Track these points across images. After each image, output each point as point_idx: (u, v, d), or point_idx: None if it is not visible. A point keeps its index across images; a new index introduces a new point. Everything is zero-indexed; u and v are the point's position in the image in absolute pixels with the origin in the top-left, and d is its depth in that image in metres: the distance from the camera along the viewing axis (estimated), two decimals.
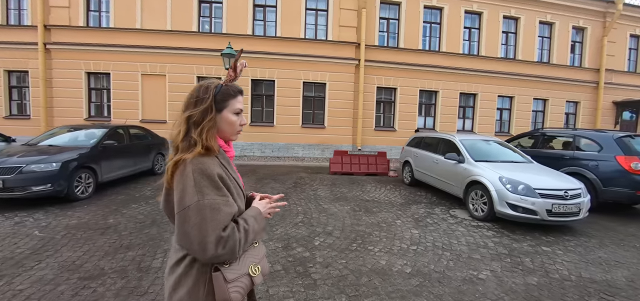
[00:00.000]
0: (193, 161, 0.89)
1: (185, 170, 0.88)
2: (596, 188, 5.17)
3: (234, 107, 1.02)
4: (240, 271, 0.94)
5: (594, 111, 13.39)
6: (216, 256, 0.86)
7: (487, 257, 3.26)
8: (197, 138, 0.92)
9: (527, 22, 12.68)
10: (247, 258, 0.98)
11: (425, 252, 3.34)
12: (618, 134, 5.25)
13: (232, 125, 1.03)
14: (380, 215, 4.68)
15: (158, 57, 10.94)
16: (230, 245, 0.87)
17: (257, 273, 0.99)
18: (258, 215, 1.04)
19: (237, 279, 0.93)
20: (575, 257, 3.32)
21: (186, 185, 0.87)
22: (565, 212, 3.88)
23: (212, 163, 0.92)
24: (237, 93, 1.04)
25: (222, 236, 0.85)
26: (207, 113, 0.96)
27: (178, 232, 0.88)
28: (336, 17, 11.42)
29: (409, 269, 2.94)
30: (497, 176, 4.26)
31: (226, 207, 0.89)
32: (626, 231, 4.34)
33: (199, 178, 0.87)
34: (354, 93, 11.64)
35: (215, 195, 0.88)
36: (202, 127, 0.94)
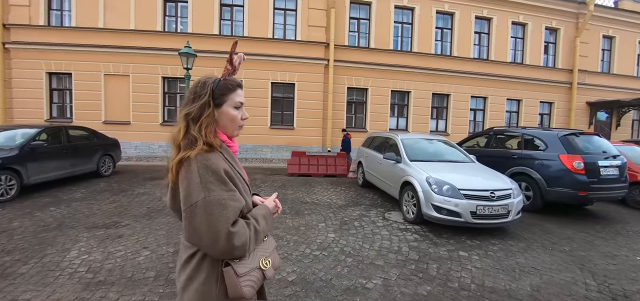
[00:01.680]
0: (197, 157, 0.87)
1: (190, 166, 0.87)
2: (541, 188, 4.99)
3: (233, 101, 0.99)
4: (252, 265, 0.94)
5: (568, 112, 13.33)
6: (228, 251, 0.85)
7: (391, 264, 3.02)
8: (196, 134, 0.91)
9: (500, 23, 12.62)
10: (258, 252, 0.98)
11: (325, 258, 3.09)
12: (563, 132, 5.08)
13: (233, 120, 1.00)
14: (307, 217, 4.44)
15: (121, 57, 10.64)
16: (241, 240, 0.86)
17: (268, 266, 0.99)
18: (268, 214, 1.04)
19: (248, 273, 0.92)
20: (489, 263, 3.10)
21: (191, 182, 0.86)
22: (492, 214, 3.66)
23: (217, 158, 0.90)
24: (236, 86, 1.01)
25: (232, 232, 0.84)
26: (205, 108, 0.94)
27: (187, 229, 0.87)
28: (305, 16, 11.24)
29: (293, 277, 2.70)
30: (425, 176, 4.03)
31: (233, 201, 0.88)
32: (562, 234, 4.14)
33: (204, 174, 0.86)
34: (324, 93, 11.44)
35: (221, 191, 0.86)
36: (201, 123, 0.92)
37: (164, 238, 3.62)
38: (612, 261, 3.30)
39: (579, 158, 4.66)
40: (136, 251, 3.25)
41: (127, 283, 2.61)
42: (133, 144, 10.95)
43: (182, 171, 0.88)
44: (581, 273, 2.96)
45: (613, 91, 13.58)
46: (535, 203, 5.08)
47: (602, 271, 3.03)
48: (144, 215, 4.50)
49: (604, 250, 3.63)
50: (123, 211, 4.66)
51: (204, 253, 0.91)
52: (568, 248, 3.62)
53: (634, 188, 5.93)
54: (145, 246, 3.38)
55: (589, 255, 3.44)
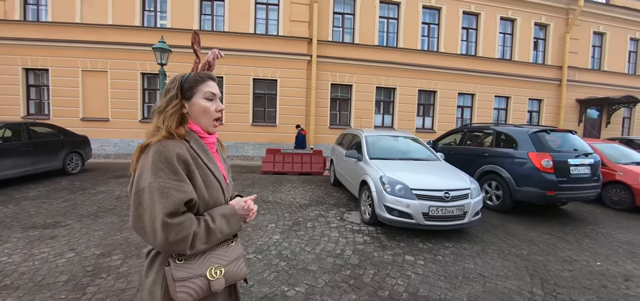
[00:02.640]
0: (157, 143, 0.85)
1: (148, 153, 0.85)
2: (510, 188, 4.78)
3: (203, 92, 0.96)
4: (195, 271, 0.86)
5: (558, 109, 13.09)
6: (166, 244, 0.79)
7: (326, 269, 2.82)
8: (160, 124, 0.90)
9: (488, 18, 12.36)
10: (211, 258, 0.90)
11: (258, 262, 2.89)
12: (533, 129, 4.86)
13: (206, 111, 0.97)
14: (260, 217, 4.23)
15: (99, 52, 10.42)
16: (181, 234, 0.80)
17: (216, 276, 0.89)
18: (231, 214, 0.95)
19: (187, 279, 0.84)
20: (433, 269, 2.89)
21: (144, 168, 0.84)
22: (446, 215, 3.45)
23: (175, 145, 0.86)
24: (206, 78, 0.98)
25: (168, 223, 0.78)
26: (172, 101, 0.93)
27: (132, 216, 0.83)
28: (287, 11, 11.00)
29: None
30: (379, 175, 3.82)
31: (177, 191, 0.82)
32: (525, 237, 3.93)
33: (157, 160, 0.83)
34: (307, 90, 11.21)
35: (167, 178, 0.82)
36: (165, 112, 0.91)
37: (98, 239, 3.42)
38: (569, 267, 3.10)
39: (548, 157, 4.45)
40: (60, 253, 3.05)
41: (33, 288, 2.43)
42: (112, 141, 10.75)
43: (141, 157, 0.87)
44: (530, 281, 2.75)
45: (603, 88, 13.33)
46: (505, 203, 4.87)
47: (554, 279, 2.82)
48: (91, 214, 4.30)
49: (564, 254, 3.43)
50: (71, 210, 4.46)
51: (157, 251, 0.89)
52: (526, 252, 3.41)
53: (612, 187, 5.73)
54: (73, 248, 3.18)
55: (546, 260, 3.23)
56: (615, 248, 3.66)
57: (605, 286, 2.72)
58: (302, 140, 9.78)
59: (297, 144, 9.73)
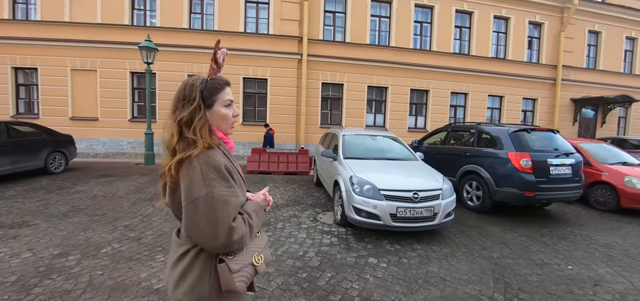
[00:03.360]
0: (199, 155, 0.89)
1: (192, 164, 0.88)
2: (490, 188, 4.68)
3: (223, 100, 1.01)
4: (244, 261, 0.95)
5: (552, 108, 12.94)
6: (226, 246, 0.88)
7: (283, 271, 2.74)
8: (194, 137, 0.92)
9: (481, 17, 12.24)
10: (250, 248, 0.99)
11: None
12: (513, 128, 4.76)
13: (225, 118, 1.01)
14: None
15: (88, 51, 10.38)
16: (240, 234, 0.89)
17: (260, 262, 1.00)
18: (258, 209, 1.05)
19: (241, 269, 0.94)
20: (394, 272, 2.81)
21: (194, 179, 0.87)
22: (414, 216, 3.36)
23: (218, 155, 0.92)
24: (224, 84, 1.03)
25: (233, 227, 0.87)
26: (196, 112, 0.94)
27: (187, 224, 0.88)
28: (277, 10, 10.92)
29: (159, 285, 2.43)
30: (349, 175, 3.73)
31: (234, 198, 0.90)
32: (499, 238, 3.84)
33: (206, 170, 0.88)
34: (297, 89, 11.13)
35: (223, 187, 0.88)
36: (194, 126, 0.93)
37: (59, 239, 3.36)
38: (538, 271, 3.01)
39: (527, 156, 4.35)
40: (17, 253, 2.99)
41: None
42: (101, 141, 10.71)
43: (183, 169, 0.89)
44: (493, 285, 2.67)
45: (598, 87, 13.18)
46: (484, 204, 4.78)
47: (519, 283, 2.73)
48: (61, 214, 4.24)
49: (537, 257, 3.34)
50: (42, 210, 4.40)
51: (199, 250, 0.93)
52: (497, 255, 3.32)
53: (597, 188, 5.62)
54: (31, 248, 3.12)
55: (516, 263, 3.14)
56: (591, 251, 3.57)
57: (571, 292, 2.63)
58: (270, 140, 9.65)
59: (266, 144, 9.60)
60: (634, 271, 3.08)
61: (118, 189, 5.76)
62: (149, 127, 8.90)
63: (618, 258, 3.40)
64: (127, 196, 5.33)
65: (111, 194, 5.41)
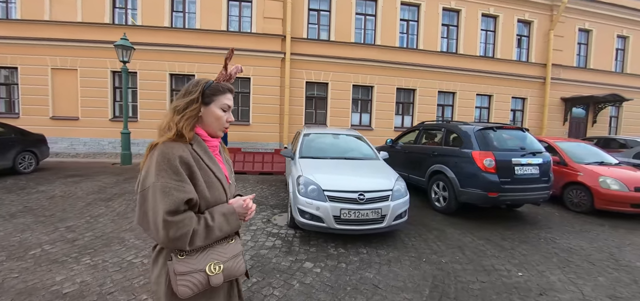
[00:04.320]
0: (162, 145, 0.90)
1: (154, 153, 0.90)
2: (455, 189, 4.51)
3: (221, 102, 1.04)
4: (195, 266, 0.91)
5: (542, 107, 12.72)
6: (167, 240, 0.85)
7: None
8: (172, 124, 0.94)
9: (469, 15, 12.05)
10: (210, 254, 0.94)
11: (138, 266, 2.66)
12: (479, 127, 4.57)
13: (218, 119, 1.04)
14: None
15: (69, 50, 10.26)
16: (180, 231, 0.85)
17: (215, 272, 0.94)
18: (230, 213, 1.00)
19: (188, 273, 0.89)
20: (325, 278, 2.64)
21: (150, 167, 0.89)
22: (359, 218, 3.19)
23: (179, 148, 0.91)
24: (226, 90, 1.06)
25: (168, 220, 0.83)
26: (192, 103, 0.98)
27: (138, 212, 0.89)
28: (260, 8, 10.78)
29: (71, 289, 2.31)
30: (297, 175, 3.57)
31: (178, 191, 0.87)
32: (456, 242, 3.67)
33: (160, 161, 0.88)
34: (281, 88, 10.98)
35: (169, 179, 0.87)
36: (183, 114, 0.96)
37: None
38: (484, 277, 2.83)
39: (490, 156, 4.17)
40: None
41: None
42: (82, 140, 10.59)
43: (148, 157, 0.92)
44: (428, 294, 2.49)
45: (589, 86, 12.95)
46: (450, 205, 4.60)
47: (457, 292, 2.55)
48: (8, 214, 4.10)
49: (489, 262, 3.16)
50: None
51: (161, 246, 0.94)
52: (446, 260, 3.15)
53: (573, 188, 5.44)
54: None
55: (464, 269, 2.97)
56: (550, 256, 3.39)
57: None
58: (224, 138, 9.49)
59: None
60: (588, 279, 2.90)
61: (80, 189, 5.62)
62: (126, 127, 8.77)
63: (577, 264, 3.22)
64: (86, 196, 5.19)
65: (71, 195, 5.27)
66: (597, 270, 3.10)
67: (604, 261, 3.34)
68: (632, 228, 4.54)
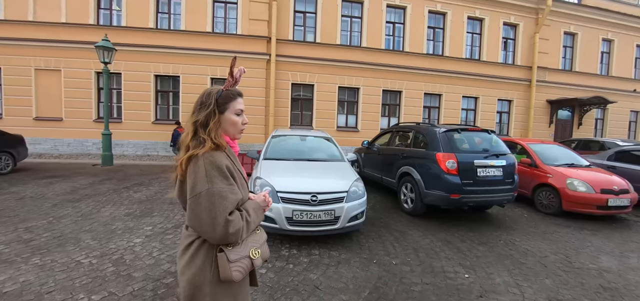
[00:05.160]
0: (205, 155, 1.02)
1: (198, 162, 1.01)
2: (420, 191, 4.52)
3: (234, 108, 1.14)
4: (242, 253, 1.06)
5: (528, 110, 12.80)
6: (224, 237, 0.98)
7: (148, 277, 2.57)
8: (206, 137, 1.04)
9: (455, 18, 12.13)
10: (249, 242, 1.10)
11: (74, 269, 2.65)
12: (444, 127, 4.60)
13: (234, 124, 1.14)
14: (146, 219, 3.99)
15: (52, 51, 10.23)
16: (236, 228, 0.99)
17: (257, 256, 1.11)
18: (257, 207, 1.16)
19: (238, 260, 1.04)
20: (268, 280, 2.63)
21: (198, 175, 0.99)
22: (312, 220, 3.20)
23: (221, 156, 1.04)
24: (237, 95, 1.16)
25: (229, 220, 0.98)
26: (211, 116, 1.08)
27: (191, 216, 1.01)
28: (246, 10, 10.81)
29: (11, 288, 2.31)
30: (255, 176, 3.58)
31: (232, 194, 1.01)
32: (414, 244, 3.68)
33: (209, 169, 0.99)
34: (266, 90, 11.00)
35: (223, 184, 1.00)
36: (209, 128, 1.06)
37: None
38: (430, 279, 2.83)
39: (452, 157, 4.19)
40: None
41: None
42: (66, 141, 10.55)
43: (191, 166, 1.01)
44: (367, 296, 2.49)
45: (575, 89, 13.05)
46: (417, 207, 4.62)
47: (396, 294, 2.53)
48: None
49: (439, 264, 3.17)
50: None
51: (202, 241, 1.04)
52: (397, 262, 3.16)
53: (542, 190, 5.47)
54: None
55: (412, 271, 2.98)
56: (503, 258, 3.41)
57: None
58: (176, 139, 9.21)
59: (174, 142, 9.18)
60: (534, 281, 2.92)
61: (52, 191, 5.59)
62: (107, 128, 8.75)
63: (529, 266, 3.24)
64: (56, 197, 5.17)
65: (41, 196, 5.24)
66: (547, 272, 3.12)
67: (557, 263, 3.36)
68: (596, 230, 4.58)
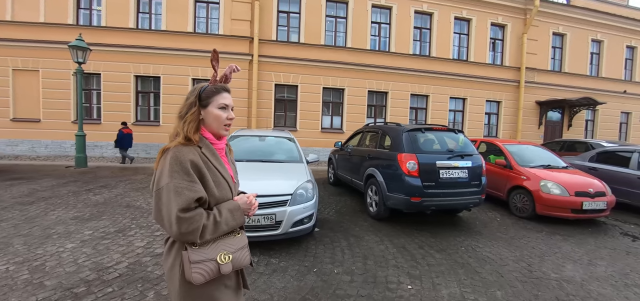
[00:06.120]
0: (173, 149, 0.99)
1: (166, 156, 0.99)
2: (383, 193, 4.31)
3: (218, 102, 1.10)
4: (207, 255, 1.00)
5: (517, 111, 12.60)
6: (179, 234, 0.94)
7: (60, 285, 2.36)
8: (180, 130, 1.04)
9: (442, 18, 11.96)
10: (220, 245, 1.04)
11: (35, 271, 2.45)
12: (408, 127, 4.39)
13: (218, 118, 1.10)
14: (101, 222, 3.77)
15: (31, 51, 10.07)
16: (191, 226, 0.94)
17: (225, 261, 1.03)
18: (235, 209, 1.09)
19: (201, 262, 0.98)
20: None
21: (163, 169, 0.98)
22: (250, 225, 2.98)
23: (188, 151, 1.00)
24: (221, 89, 1.12)
25: (180, 217, 0.92)
26: (191, 107, 1.08)
27: (154, 210, 0.99)
28: (228, 9, 10.65)
29: None
30: None
31: (189, 191, 0.95)
32: (366, 251, 3.45)
33: (173, 164, 0.97)
34: (248, 90, 10.82)
35: (181, 179, 0.95)
36: (185, 119, 1.06)
37: None
38: (368, 290, 2.61)
39: (413, 158, 3.98)
40: None
41: None
42: (43, 142, 10.36)
43: (161, 160, 1.01)
44: None
45: (565, 90, 12.86)
46: (380, 210, 4.40)
47: None
48: None
49: (385, 273, 2.94)
50: None
51: (174, 239, 1.03)
52: (339, 270, 2.93)
53: (517, 193, 5.25)
54: None
55: (352, 281, 2.74)
56: (458, 267, 3.18)
57: None
58: (124, 140, 9.02)
59: (119, 144, 8.96)
60: (484, 292, 2.68)
61: (9, 193, 5.38)
62: (81, 129, 8.55)
63: (483, 276, 3.01)
64: (11, 199, 4.96)
65: None
66: (501, 283, 2.89)
67: (515, 272, 3.13)
68: (568, 236, 4.35)
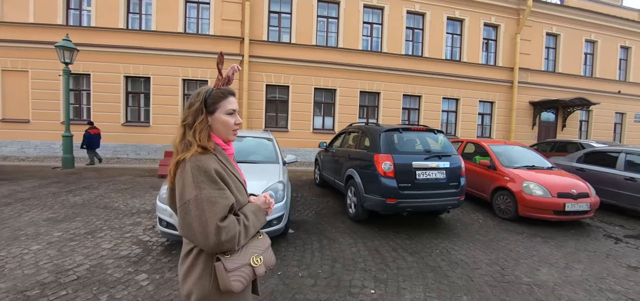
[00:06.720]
0: (191, 159, 0.95)
1: (185, 167, 0.95)
2: (360, 194, 4.24)
3: (225, 108, 1.06)
4: (241, 261, 0.98)
5: (510, 111, 12.53)
6: (217, 245, 0.91)
7: (15, 288, 2.30)
8: (192, 139, 0.99)
9: (434, 18, 11.91)
10: (249, 249, 1.02)
11: None
12: (386, 127, 4.32)
13: (226, 124, 1.07)
14: (73, 223, 3.71)
15: (20, 51, 10.04)
16: (230, 234, 0.92)
17: (258, 263, 1.03)
18: (257, 210, 1.09)
19: (237, 269, 0.96)
20: (144, 293, 2.37)
21: (185, 181, 0.93)
22: None
23: (209, 159, 0.97)
24: (228, 94, 1.08)
25: (221, 226, 0.90)
26: (198, 115, 1.02)
27: (181, 224, 0.93)
28: (219, 10, 10.62)
29: None
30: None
31: (222, 199, 0.94)
32: (335, 254, 3.38)
33: (196, 174, 0.93)
34: (239, 91, 10.75)
35: (211, 189, 0.93)
36: (195, 128, 1.00)
37: None
38: (329, 295, 2.53)
39: (389, 159, 3.91)
40: None
41: None
42: (32, 143, 10.31)
43: (178, 172, 0.97)
44: None
45: (558, 90, 12.79)
46: (358, 212, 4.33)
47: None
48: None
49: (351, 277, 2.87)
50: None
51: (200, 249, 0.98)
52: (304, 274, 2.87)
53: (500, 194, 5.18)
54: None
55: (315, 285, 2.67)
56: (427, 270, 3.09)
57: None
58: (93, 140, 8.84)
59: (88, 145, 8.77)
60: (449, 297, 2.60)
61: None
62: (67, 130, 8.50)
63: (453, 280, 2.92)
64: None
65: None
66: (469, 288, 2.81)
67: (487, 276, 3.05)
68: (550, 238, 4.28)
